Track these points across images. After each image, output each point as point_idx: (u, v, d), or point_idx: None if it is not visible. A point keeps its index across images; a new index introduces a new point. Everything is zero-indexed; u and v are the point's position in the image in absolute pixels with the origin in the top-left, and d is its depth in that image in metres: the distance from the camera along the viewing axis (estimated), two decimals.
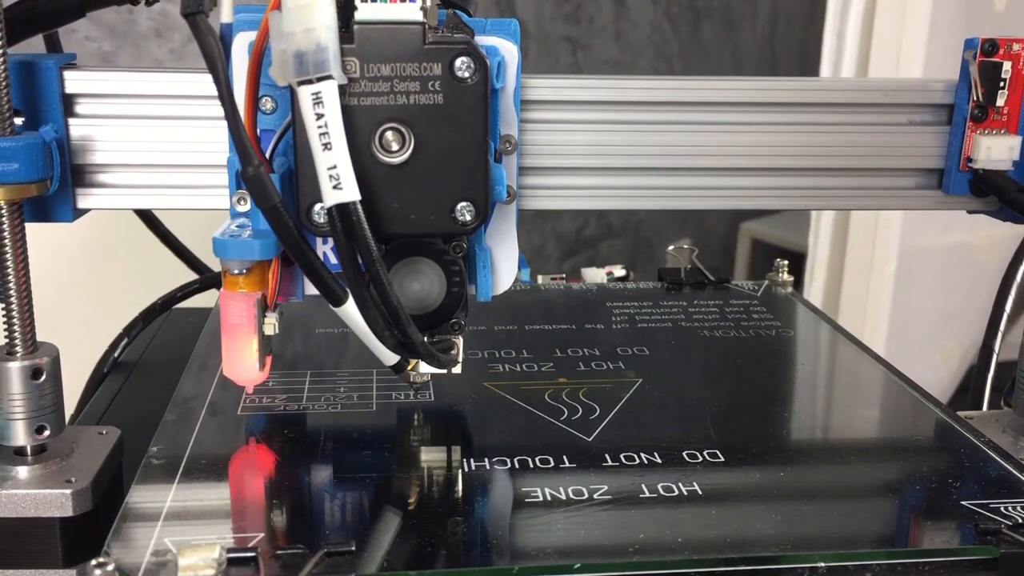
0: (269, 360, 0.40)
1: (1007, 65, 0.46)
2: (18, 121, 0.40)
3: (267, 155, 0.38)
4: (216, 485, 0.40)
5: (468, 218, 0.38)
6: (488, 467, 0.42)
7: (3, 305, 0.40)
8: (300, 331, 0.58)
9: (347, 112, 0.35)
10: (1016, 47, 0.46)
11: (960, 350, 1.62)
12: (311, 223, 0.36)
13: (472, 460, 0.42)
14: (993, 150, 0.46)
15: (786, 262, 0.69)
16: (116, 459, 0.43)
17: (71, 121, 0.42)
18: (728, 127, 0.46)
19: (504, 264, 0.42)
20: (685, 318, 0.61)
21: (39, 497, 0.39)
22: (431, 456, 0.44)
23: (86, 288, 1.19)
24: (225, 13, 0.38)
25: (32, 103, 0.41)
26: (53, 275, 0.86)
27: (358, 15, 0.35)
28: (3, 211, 0.39)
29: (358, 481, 0.41)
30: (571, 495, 0.40)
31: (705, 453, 0.43)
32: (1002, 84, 0.46)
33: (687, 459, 0.43)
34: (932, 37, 1.41)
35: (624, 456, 0.43)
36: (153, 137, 0.43)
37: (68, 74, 0.41)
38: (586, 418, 0.47)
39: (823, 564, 0.35)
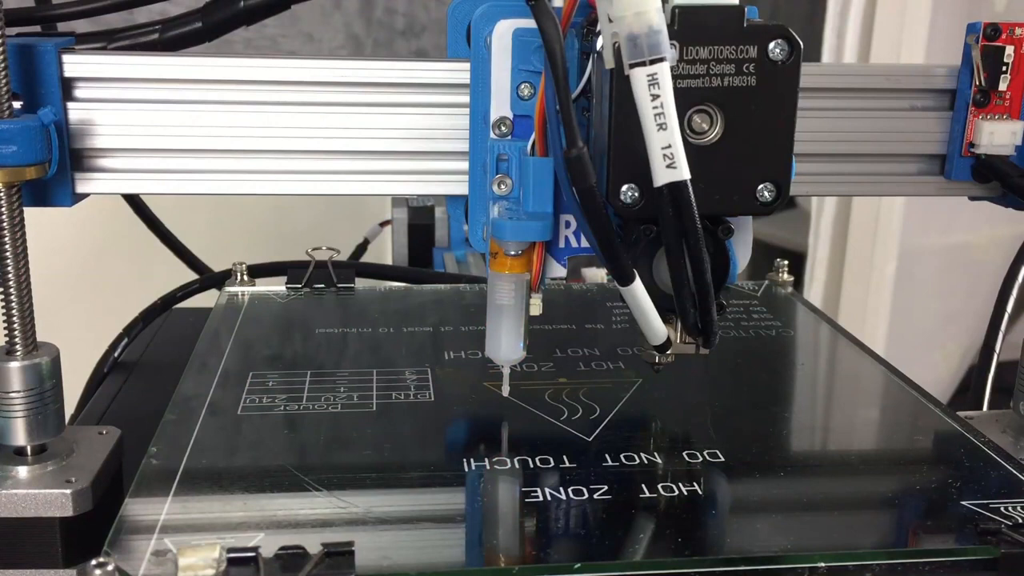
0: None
1: (1009, 50, 0.45)
2: (17, 105, 0.40)
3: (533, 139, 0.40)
4: (216, 485, 0.40)
5: (768, 199, 0.38)
6: (488, 467, 0.42)
7: (2, 293, 0.40)
8: (300, 331, 0.58)
9: None
10: (1019, 31, 0.45)
11: (960, 350, 1.62)
12: (619, 203, 0.37)
13: (472, 460, 0.42)
14: (995, 135, 0.46)
15: (786, 262, 0.69)
16: (116, 459, 0.43)
17: (70, 105, 0.42)
18: None
19: (742, 249, 0.42)
20: None
21: (39, 497, 0.39)
22: (431, 456, 0.44)
23: (86, 288, 1.19)
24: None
25: (31, 86, 0.41)
26: (53, 275, 0.86)
27: (676, 0, 0.36)
28: (1, 194, 0.38)
29: (358, 481, 0.41)
30: (571, 495, 0.40)
31: (705, 453, 0.43)
32: (1004, 69, 0.45)
33: (687, 459, 0.43)
34: (932, 38, 1.41)
35: (624, 456, 0.43)
36: (152, 122, 0.42)
37: (67, 58, 0.41)
38: (586, 418, 0.47)
39: (823, 564, 0.35)
